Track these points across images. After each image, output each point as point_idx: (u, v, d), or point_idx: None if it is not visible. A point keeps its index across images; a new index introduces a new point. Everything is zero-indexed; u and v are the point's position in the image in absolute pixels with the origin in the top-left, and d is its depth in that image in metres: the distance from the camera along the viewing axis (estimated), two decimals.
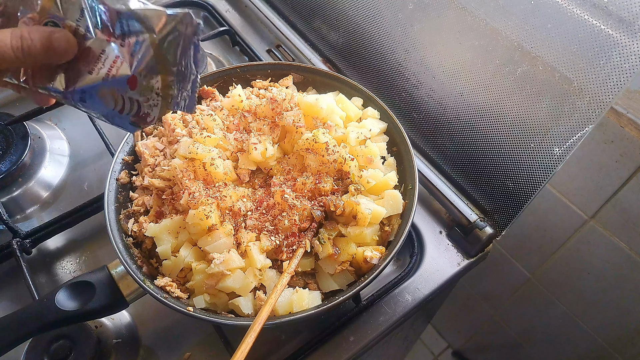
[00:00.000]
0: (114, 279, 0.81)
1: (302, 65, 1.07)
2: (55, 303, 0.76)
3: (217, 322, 0.79)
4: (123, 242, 0.86)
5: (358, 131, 0.93)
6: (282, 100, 0.96)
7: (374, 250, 0.82)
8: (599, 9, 0.79)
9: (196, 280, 0.80)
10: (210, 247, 0.81)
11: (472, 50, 0.97)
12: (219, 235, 0.81)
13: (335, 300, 0.76)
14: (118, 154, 0.96)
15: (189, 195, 0.84)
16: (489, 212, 1.02)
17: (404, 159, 0.94)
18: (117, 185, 0.93)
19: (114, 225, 0.87)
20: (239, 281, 0.79)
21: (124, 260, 0.81)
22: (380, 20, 1.15)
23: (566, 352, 1.59)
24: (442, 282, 0.97)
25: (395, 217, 0.88)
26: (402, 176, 0.93)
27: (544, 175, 0.91)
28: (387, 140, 0.98)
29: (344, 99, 1.00)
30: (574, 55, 0.83)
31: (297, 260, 0.81)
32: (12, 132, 1.14)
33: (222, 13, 1.45)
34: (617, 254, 1.20)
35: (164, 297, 0.78)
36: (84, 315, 0.78)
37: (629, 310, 1.29)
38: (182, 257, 0.82)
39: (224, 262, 0.78)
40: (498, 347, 1.96)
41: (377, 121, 0.99)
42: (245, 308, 0.79)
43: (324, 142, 0.87)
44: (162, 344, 0.92)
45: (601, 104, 0.81)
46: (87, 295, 0.79)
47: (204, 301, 0.79)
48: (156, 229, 0.84)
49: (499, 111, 0.96)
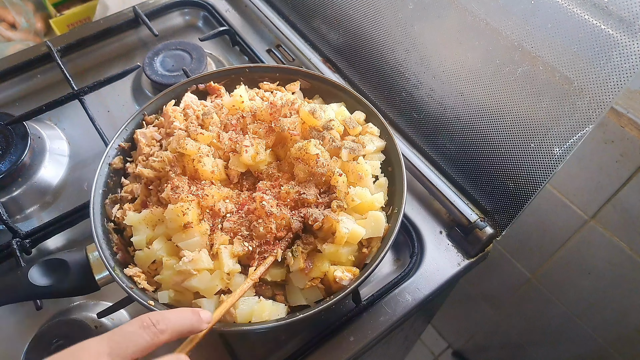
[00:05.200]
0: (89, 262, 0.82)
1: (310, 72, 1.06)
2: (29, 277, 0.78)
3: None
4: (103, 227, 0.86)
5: (352, 146, 0.90)
6: (281, 106, 0.95)
7: (345, 271, 0.80)
8: (599, 9, 0.79)
9: (165, 274, 0.80)
10: (183, 244, 0.80)
11: (472, 50, 0.97)
12: (194, 233, 0.81)
13: (296, 316, 0.76)
14: (115, 140, 0.96)
15: (172, 189, 0.84)
16: (489, 212, 1.02)
17: (397, 180, 0.91)
18: (109, 170, 0.94)
19: (97, 209, 0.88)
20: (204, 282, 0.78)
21: (99, 245, 0.82)
22: (381, 20, 1.15)
23: (566, 352, 1.59)
24: (442, 282, 0.97)
25: (376, 239, 0.85)
26: (391, 198, 0.91)
27: (544, 175, 0.91)
28: (383, 159, 0.95)
29: (345, 112, 0.98)
30: (574, 55, 0.83)
31: (264, 269, 0.80)
32: (12, 132, 1.14)
33: (222, 13, 1.45)
34: (617, 254, 1.20)
35: (129, 287, 0.78)
36: (54, 292, 0.81)
37: (629, 310, 1.29)
38: (155, 250, 0.82)
39: (193, 261, 0.78)
40: (498, 347, 1.96)
41: (376, 138, 0.96)
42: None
43: (314, 153, 0.86)
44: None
45: (601, 104, 0.81)
46: (61, 274, 0.81)
47: (168, 297, 0.80)
48: (135, 218, 0.85)
49: (499, 111, 0.96)
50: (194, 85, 1.05)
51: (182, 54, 1.31)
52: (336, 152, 0.90)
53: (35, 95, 1.30)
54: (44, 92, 1.31)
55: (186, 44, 1.33)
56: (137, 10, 1.39)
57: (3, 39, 1.81)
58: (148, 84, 1.31)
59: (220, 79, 1.06)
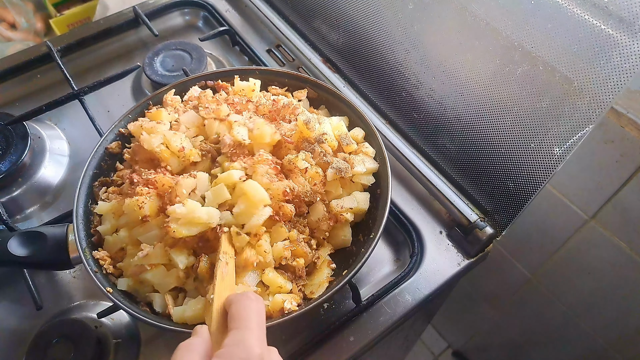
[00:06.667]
0: (67, 239, 0.84)
1: (318, 82, 1.04)
2: (7, 247, 0.81)
3: (127, 311, 0.77)
4: (85, 207, 0.88)
5: (340, 166, 0.87)
6: (282, 107, 0.95)
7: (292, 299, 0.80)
8: (599, 9, 0.79)
9: (126, 262, 0.82)
10: (142, 238, 0.81)
11: (472, 50, 0.97)
12: (152, 226, 0.81)
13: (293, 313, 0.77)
14: (116, 125, 0.98)
15: (129, 182, 0.85)
16: (489, 212, 1.02)
17: (380, 206, 0.88)
18: (104, 153, 0.95)
19: (84, 190, 0.90)
20: (158, 277, 0.79)
21: (76, 224, 0.84)
22: (381, 20, 1.15)
23: (566, 352, 1.59)
24: (442, 282, 0.97)
25: None
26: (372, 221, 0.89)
27: (544, 175, 0.91)
28: (372, 182, 0.92)
29: (343, 128, 0.95)
30: (574, 55, 0.83)
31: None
32: (12, 132, 1.14)
33: (222, 13, 1.45)
34: (617, 254, 1.20)
35: (94, 272, 0.80)
36: (29, 263, 0.84)
37: (629, 310, 1.29)
38: (120, 237, 0.83)
39: (147, 256, 0.78)
40: (498, 347, 1.96)
41: (369, 159, 0.92)
42: (156, 305, 0.80)
43: (302, 168, 0.86)
44: (162, 344, 0.92)
45: (601, 104, 0.81)
46: (38, 247, 0.83)
47: (127, 284, 0.81)
48: (103, 207, 0.87)
49: (499, 111, 0.96)
50: (202, 81, 1.05)
51: (182, 54, 1.31)
52: (326, 166, 0.88)
53: (35, 95, 1.30)
54: (44, 92, 1.31)
55: (186, 44, 1.33)
56: (137, 10, 1.39)
57: (3, 39, 1.81)
58: (148, 84, 1.31)
59: (229, 78, 1.06)
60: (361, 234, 0.90)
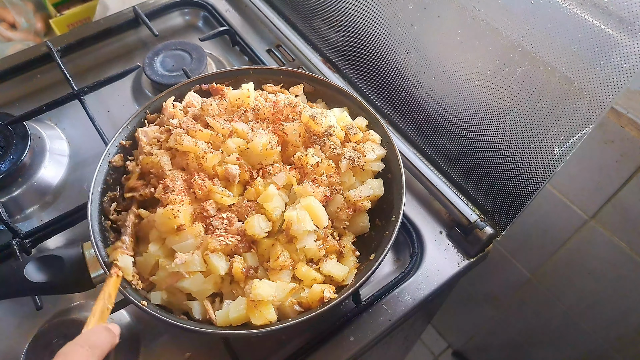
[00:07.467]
0: (85, 259, 0.82)
1: (314, 76, 1.05)
2: (24, 273, 0.78)
3: (167, 322, 0.77)
4: (100, 225, 0.86)
5: (352, 156, 0.89)
6: (283, 107, 0.95)
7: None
8: (599, 9, 0.79)
9: (159, 276, 0.80)
10: (177, 247, 0.80)
11: (472, 50, 0.97)
12: (187, 235, 0.80)
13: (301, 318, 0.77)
14: (116, 137, 0.96)
15: (163, 188, 0.84)
16: (489, 212, 1.02)
17: (395, 189, 0.90)
18: (108, 168, 0.94)
19: (95, 206, 0.88)
20: (196, 285, 0.78)
21: (95, 242, 0.82)
22: (381, 20, 1.15)
23: (566, 352, 1.59)
24: (442, 282, 0.97)
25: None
26: (389, 206, 0.90)
27: (544, 175, 0.91)
28: (383, 167, 0.94)
29: (347, 118, 0.97)
30: (574, 55, 0.83)
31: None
32: (12, 132, 1.14)
33: (222, 13, 1.45)
34: (617, 254, 1.20)
35: (123, 287, 0.78)
36: (49, 289, 0.81)
37: (629, 310, 1.29)
38: (152, 253, 0.82)
39: (185, 263, 0.78)
40: (498, 348, 1.96)
41: (377, 146, 0.94)
42: (196, 312, 0.79)
43: (313, 163, 0.87)
44: (163, 344, 0.92)
45: (601, 104, 0.81)
46: (56, 270, 0.81)
47: (161, 298, 0.80)
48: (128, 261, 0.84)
49: (499, 111, 0.96)
50: (197, 85, 1.05)
51: (182, 54, 1.31)
52: (337, 158, 0.90)
53: (35, 95, 1.30)
54: (44, 92, 1.31)
55: (186, 44, 1.33)
56: (137, 10, 1.39)
57: (3, 39, 1.81)
58: (148, 84, 1.31)
59: (224, 79, 1.05)
60: (377, 218, 0.92)
